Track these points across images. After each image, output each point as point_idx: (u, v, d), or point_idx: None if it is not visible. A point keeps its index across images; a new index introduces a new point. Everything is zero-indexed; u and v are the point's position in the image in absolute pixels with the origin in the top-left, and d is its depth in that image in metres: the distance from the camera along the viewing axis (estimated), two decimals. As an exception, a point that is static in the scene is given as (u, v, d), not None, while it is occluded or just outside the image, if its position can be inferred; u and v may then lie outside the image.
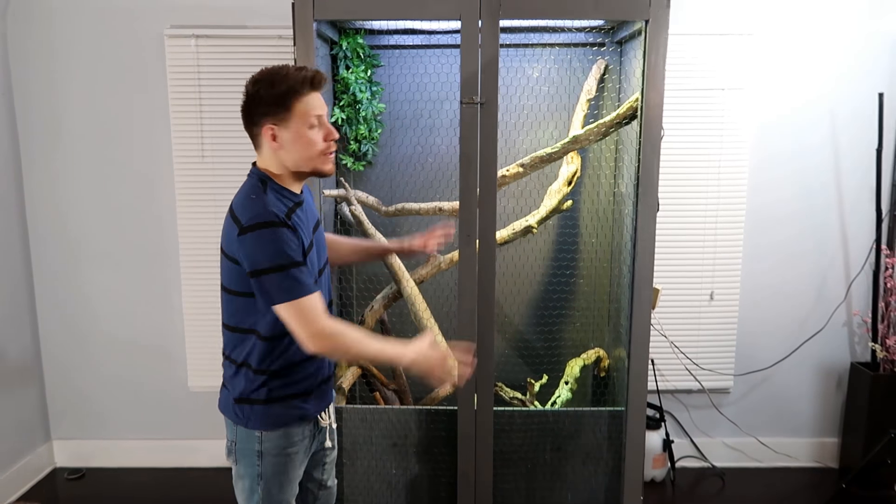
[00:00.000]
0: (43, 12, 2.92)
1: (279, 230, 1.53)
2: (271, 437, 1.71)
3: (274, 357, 1.67)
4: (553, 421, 2.52)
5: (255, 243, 1.53)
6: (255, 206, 1.56)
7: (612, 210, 2.83)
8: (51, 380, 3.22)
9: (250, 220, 1.53)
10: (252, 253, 1.53)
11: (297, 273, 1.54)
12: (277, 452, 1.72)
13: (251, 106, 1.61)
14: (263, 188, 1.61)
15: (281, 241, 1.53)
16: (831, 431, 3.25)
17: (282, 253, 1.52)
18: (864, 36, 2.95)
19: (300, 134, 1.61)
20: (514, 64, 2.75)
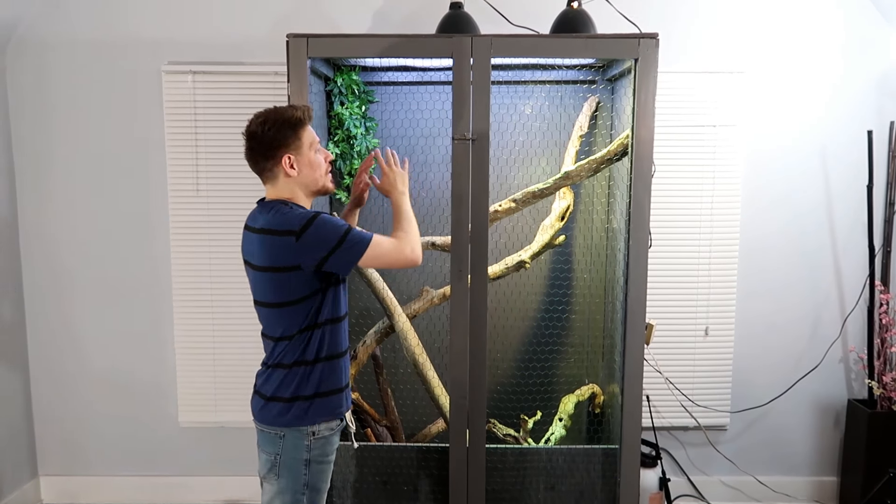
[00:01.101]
0: (42, 48, 2.96)
1: (324, 216, 1.78)
2: (318, 445, 1.87)
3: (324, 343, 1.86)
4: (546, 459, 2.49)
5: (315, 235, 1.75)
6: (294, 212, 1.79)
7: (605, 245, 2.83)
8: (39, 414, 3.18)
9: (300, 222, 1.75)
10: (316, 244, 1.76)
11: (354, 232, 1.80)
12: (322, 460, 1.90)
13: (265, 144, 1.83)
14: (288, 206, 1.83)
15: (331, 222, 1.78)
16: (830, 470, 3.21)
17: (337, 228, 1.78)
18: (852, 74, 3.00)
19: (310, 158, 1.87)
20: (507, 100, 2.79)
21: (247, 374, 3.07)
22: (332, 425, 1.91)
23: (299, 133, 1.84)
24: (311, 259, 1.77)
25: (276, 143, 1.82)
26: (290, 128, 1.83)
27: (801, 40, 2.98)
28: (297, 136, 1.84)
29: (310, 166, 1.87)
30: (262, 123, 1.82)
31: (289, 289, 1.81)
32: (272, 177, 1.86)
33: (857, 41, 2.98)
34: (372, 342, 2.70)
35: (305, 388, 1.85)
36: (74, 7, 2.94)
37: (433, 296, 2.70)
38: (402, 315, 2.62)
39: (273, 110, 1.85)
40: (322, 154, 1.91)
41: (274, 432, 1.86)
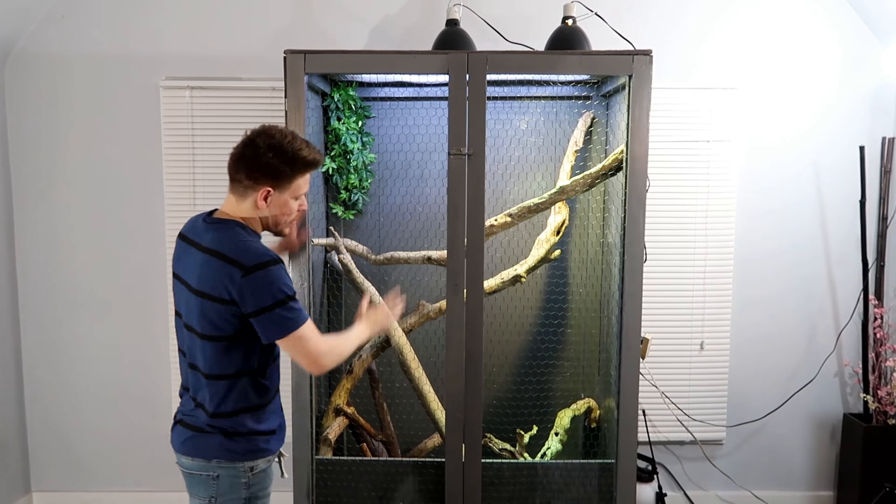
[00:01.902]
0: (41, 62, 2.98)
1: (279, 267, 1.67)
2: (257, 480, 1.81)
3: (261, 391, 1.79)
4: (542, 473, 2.48)
5: (260, 283, 1.63)
6: (254, 247, 1.68)
7: (601, 259, 2.84)
8: (33, 429, 3.17)
9: (255, 260, 1.64)
10: (256, 293, 1.63)
11: (294, 305, 1.68)
12: (261, 494, 1.85)
13: (257, 167, 1.71)
14: (246, 231, 1.74)
15: (283, 277, 1.68)
16: (826, 484, 3.21)
17: (285, 287, 1.67)
18: (844, 90, 3.03)
19: (286, 202, 1.78)
20: (502, 116, 2.81)
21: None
22: (267, 458, 1.86)
23: (294, 176, 1.75)
24: (248, 304, 1.64)
25: (267, 172, 1.71)
26: (291, 168, 1.73)
27: (794, 57, 3.01)
28: (291, 178, 1.74)
29: (280, 207, 1.78)
30: (270, 147, 1.69)
31: (224, 322, 1.68)
32: (242, 194, 1.75)
33: (848, 58, 3.02)
34: (368, 356, 2.70)
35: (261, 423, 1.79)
36: (73, 22, 2.96)
37: (429, 310, 2.70)
38: (398, 329, 2.62)
39: (289, 139, 1.72)
40: (298, 203, 1.82)
41: (206, 474, 1.77)
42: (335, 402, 2.67)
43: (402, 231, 2.83)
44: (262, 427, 1.80)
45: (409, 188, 2.83)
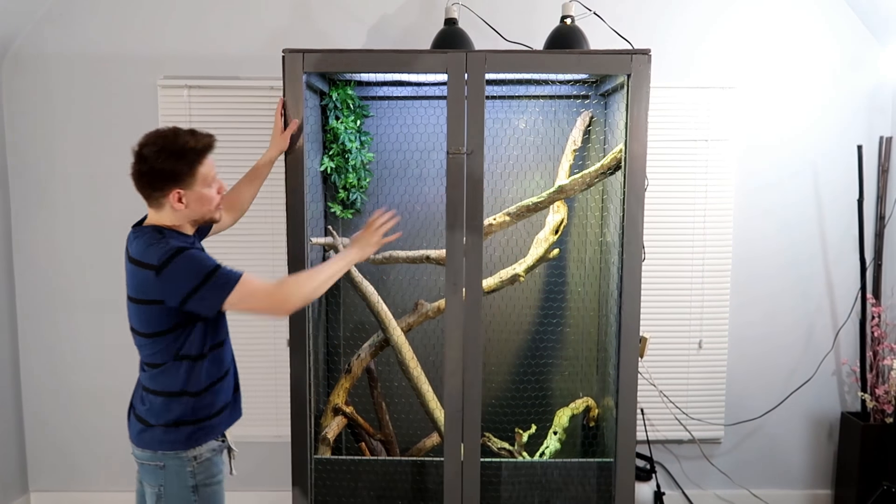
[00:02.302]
0: (38, 62, 2.97)
1: (189, 252, 1.70)
2: (202, 469, 1.85)
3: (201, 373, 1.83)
4: (541, 472, 2.48)
5: (176, 272, 1.68)
6: (159, 245, 1.71)
7: (599, 258, 2.84)
8: (30, 430, 3.16)
9: (161, 257, 1.68)
10: (177, 281, 1.68)
11: (222, 271, 1.71)
12: (209, 482, 1.87)
13: (155, 176, 1.73)
14: (161, 234, 1.76)
15: (196, 259, 1.70)
16: (824, 483, 3.21)
17: (201, 265, 1.70)
18: (842, 90, 3.04)
19: (201, 194, 1.79)
20: (501, 115, 2.81)
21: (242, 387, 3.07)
22: (212, 446, 1.88)
23: (195, 168, 1.75)
24: (172, 297, 1.70)
25: (166, 177, 1.72)
26: (186, 163, 1.73)
27: (792, 56, 3.02)
28: (192, 172, 1.74)
29: (199, 201, 1.78)
30: (157, 153, 1.71)
31: (157, 321, 1.75)
32: (157, 205, 1.78)
33: (846, 58, 3.02)
34: (366, 356, 2.70)
35: (193, 412, 1.83)
36: (71, 21, 2.95)
37: (428, 309, 2.70)
38: (397, 328, 2.62)
39: (171, 137, 1.74)
40: (216, 186, 1.82)
41: (154, 463, 1.82)
42: (334, 401, 2.67)
43: (401, 230, 2.82)
44: (202, 414, 1.84)
45: (407, 187, 2.82)
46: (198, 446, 1.84)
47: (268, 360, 3.06)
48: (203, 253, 1.77)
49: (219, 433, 1.90)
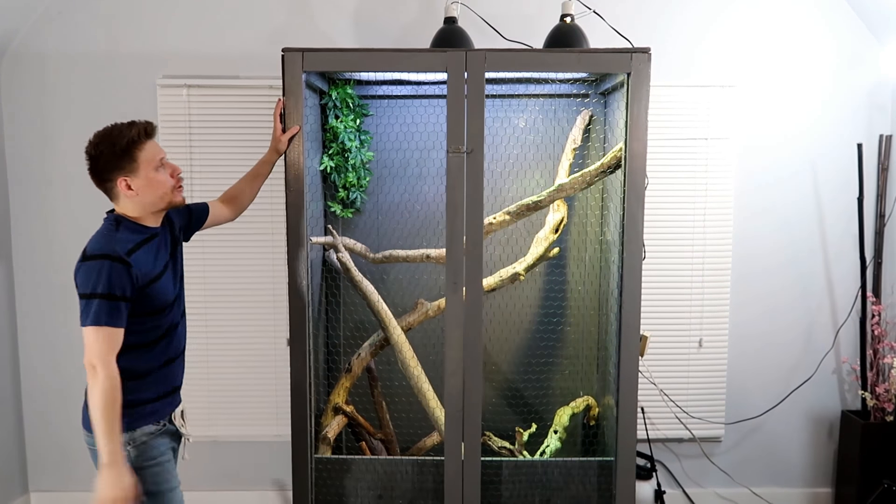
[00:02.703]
0: (37, 61, 2.97)
1: (114, 264, 1.73)
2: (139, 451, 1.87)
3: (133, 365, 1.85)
4: (542, 471, 2.48)
5: (90, 270, 1.73)
6: (101, 240, 1.78)
7: (599, 257, 2.84)
8: (30, 430, 3.16)
9: (92, 251, 1.75)
10: (86, 277, 1.73)
11: (114, 305, 1.73)
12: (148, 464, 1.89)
13: (100, 166, 1.80)
14: (116, 227, 1.83)
15: (111, 274, 1.73)
16: (825, 481, 3.21)
17: (108, 283, 1.72)
18: (842, 88, 3.03)
19: (149, 178, 1.82)
20: (501, 114, 2.80)
21: (240, 388, 3.08)
22: (149, 430, 1.90)
23: (134, 155, 1.79)
24: (77, 286, 1.75)
25: (109, 167, 1.79)
26: (122, 149, 1.78)
27: (792, 55, 3.01)
28: (132, 159, 1.79)
29: (149, 186, 1.83)
30: (97, 146, 1.79)
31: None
32: (113, 196, 1.85)
33: (846, 56, 3.02)
34: (367, 355, 2.70)
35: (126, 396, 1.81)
36: (70, 20, 2.95)
37: (428, 308, 2.70)
38: (397, 328, 2.62)
39: (108, 131, 1.81)
40: (168, 169, 1.87)
41: (93, 447, 1.84)
42: (334, 400, 2.67)
43: (401, 229, 2.83)
44: (131, 398, 1.84)
45: (407, 186, 2.82)
46: (135, 430, 1.87)
47: (268, 359, 3.06)
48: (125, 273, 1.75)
49: (151, 419, 1.91)
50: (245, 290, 3.02)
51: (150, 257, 1.85)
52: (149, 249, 1.86)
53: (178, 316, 1.99)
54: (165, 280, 1.89)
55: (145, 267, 1.81)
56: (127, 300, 1.76)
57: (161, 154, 1.86)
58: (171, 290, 1.91)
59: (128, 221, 1.85)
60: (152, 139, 1.85)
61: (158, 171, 1.84)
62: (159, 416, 1.95)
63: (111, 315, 1.73)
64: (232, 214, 2.30)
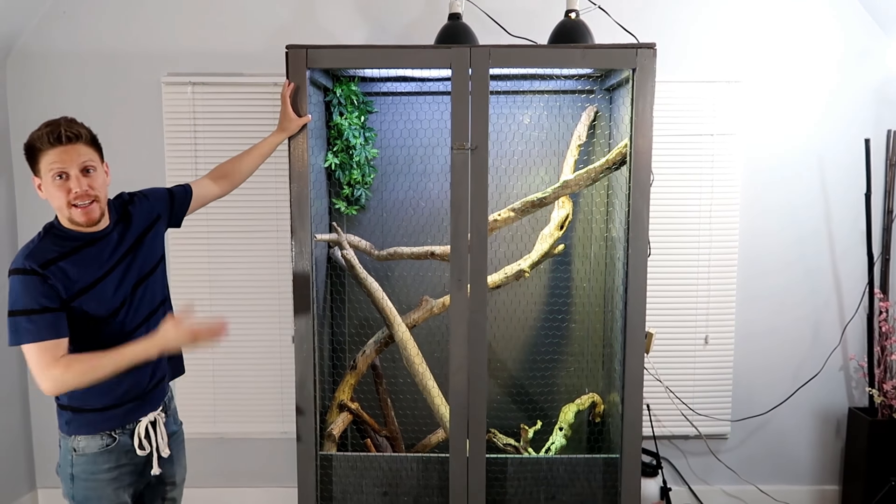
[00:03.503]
0: (43, 59, 2.98)
1: (26, 278, 1.67)
2: (82, 462, 1.82)
3: None
4: (547, 468, 2.48)
5: (10, 287, 1.69)
6: (20, 254, 1.72)
7: (605, 254, 2.83)
8: (37, 426, 3.17)
9: (10, 267, 1.70)
10: (8, 294, 1.69)
11: (40, 318, 1.66)
12: (87, 478, 1.82)
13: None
14: (44, 235, 1.76)
15: (28, 287, 1.66)
16: (832, 479, 3.20)
17: (28, 298, 1.66)
18: (850, 83, 3.01)
19: (47, 187, 1.72)
20: (505, 110, 2.80)
21: (246, 385, 3.08)
22: (96, 443, 1.82)
23: (36, 157, 1.70)
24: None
25: (28, 164, 1.73)
26: (26, 148, 1.72)
27: (799, 50, 2.99)
28: (36, 161, 1.71)
29: (48, 195, 1.73)
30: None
31: None
32: None
33: (854, 51, 3.00)
34: (371, 352, 2.70)
35: (69, 399, 1.81)
36: (75, 19, 2.95)
37: (433, 305, 2.70)
38: (402, 325, 2.62)
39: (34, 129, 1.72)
40: (66, 183, 1.70)
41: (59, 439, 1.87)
42: (339, 397, 2.67)
43: (406, 226, 2.82)
44: (76, 403, 1.81)
45: (411, 183, 2.82)
46: (76, 435, 1.82)
47: (273, 356, 3.07)
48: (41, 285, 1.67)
49: (103, 428, 1.83)
50: (250, 287, 3.03)
51: (81, 266, 1.74)
52: (80, 259, 1.75)
53: (135, 319, 1.86)
54: (103, 287, 1.77)
55: (72, 277, 1.72)
56: (56, 309, 1.68)
57: (60, 166, 1.69)
58: (108, 297, 1.78)
59: (58, 229, 1.77)
60: (63, 147, 1.70)
61: (54, 182, 1.70)
62: (106, 427, 1.83)
63: (39, 330, 1.66)
64: (221, 191, 2.22)
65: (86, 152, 1.76)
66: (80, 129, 1.75)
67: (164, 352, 1.77)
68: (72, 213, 1.73)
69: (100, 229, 1.81)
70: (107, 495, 1.84)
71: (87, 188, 1.73)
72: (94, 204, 1.76)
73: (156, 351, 1.75)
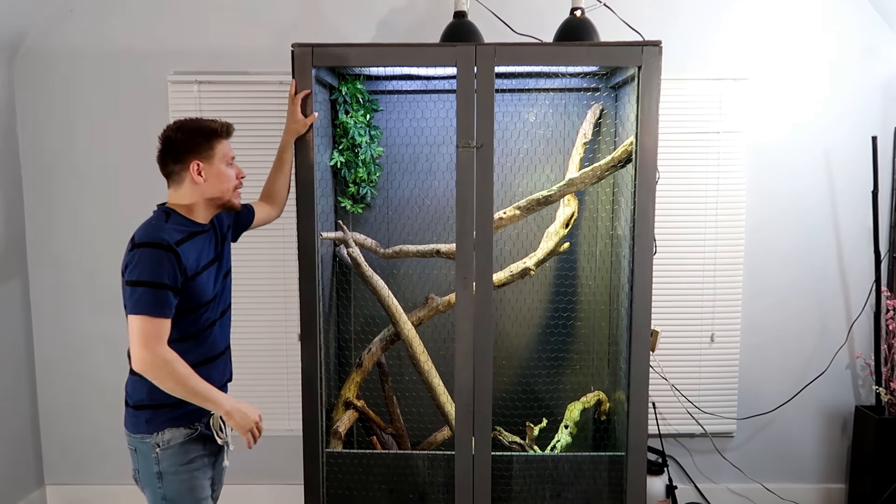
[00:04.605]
0: (50, 58, 2.99)
1: (162, 252, 1.74)
2: (167, 455, 1.85)
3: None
4: (552, 466, 2.48)
5: (139, 258, 1.74)
6: (150, 229, 1.80)
7: (610, 252, 2.83)
8: (45, 423, 3.19)
9: (141, 239, 1.77)
10: (134, 265, 1.74)
11: (161, 294, 1.74)
12: (176, 470, 1.86)
13: (176, 147, 1.86)
14: (166, 218, 1.85)
15: (160, 262, 1.73)
16: (838, 477, 3.19)
17: (156, 272, 1.73)
18: (857, 80, 3.00)
19: (219, 169, 1.89)
20: (511, 108, 2.79)
21: (253, 382, 3.09)
22: (177, 434, 1.87)
23: (213, 143, 1.87)
24: (126, 273, 1.77)
25: (186, 148, 1.85)
26: (204, 136, 1.86)
27: (805, 47, 2.98)
28: (210, 146, 1.87)
29: (217, 177, 1.88)
30: (178, 129, 1.86)
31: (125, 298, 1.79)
32: (178, 180, 1.89)
33: (861, 47, 2.98)
34: (377, 350, 2.70)
35: (151, 396, 1.83)
36: (81, 18, 2.97)
37: (438, 303, 2.70)
38: (408, 322, 2.62)
39: (192, 119, 1.90)
40: (234, 169, 1.94)
41: (130, 447, 1.90)
42: (345, 395, 2.68)
43: (411, 224, 2.83)
44: (159, 399, 1.82)
45: (417, 181, 2.82)
46: (159, 432, 1.85)
47: (279, 354, 3.08)
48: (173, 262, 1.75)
49: (186, 421, 1.88)
50: (256, 285, 3.04)
51: (196, 252, 1.85)
52: (196, 243, 1.86)
53: (215, 314, 1.96)
54: (207, 276, 1.89)
55: (191, 260, 1.82)
56: (174, 290, 1.76)
57: (232, 153, 1.94)
58: (210, 287, 1.90)
59: (177, 214, 1.88)
60: (229, 139, 1.92)
61: (229, 167, 1.91)
62: (191, 420, 1.89)
63: (157, 304, 1.73)
64: (275, 211, 2.34)
65: None
66: None
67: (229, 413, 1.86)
68: (233, 196, 1.94)
69: (206, 222, 1.94)
70: (199, 485, 1.91)
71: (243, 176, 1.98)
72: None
73: (227, 408, 1.84)
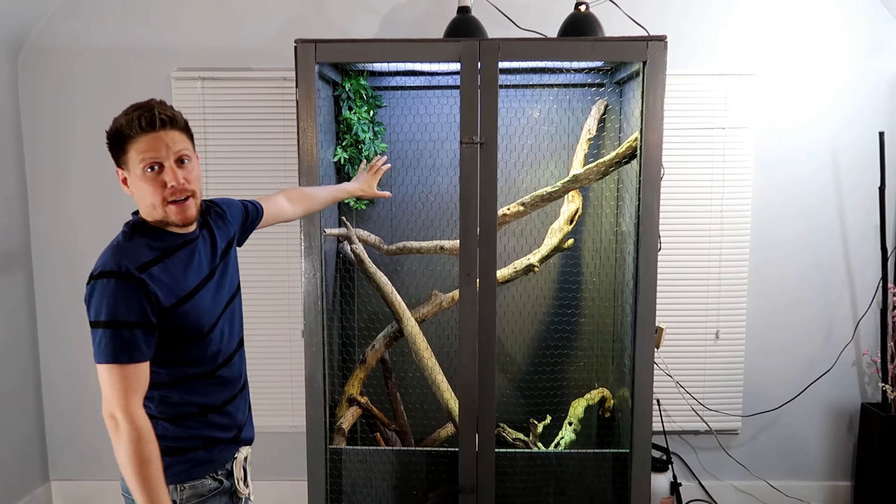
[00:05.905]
0: (53, 55, 2.99)
1: (120, 283, 1.39)
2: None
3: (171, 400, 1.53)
4: (556, 463, 2.48)
5: (95, 293, 1.40)
6: (106, 254, 1.46)
7: (615, 248, 2.82)
8: (50, 419, 3.20)
9: (96, 269, 1.43)
10: (90, 303, 1.41)
11: (126, 334, 1.39)
12: None
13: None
14: (132, 235, 1.50)
15: (119, 295, 1.38)
16: (844, 475, 3.18)
17: (115, 308, 1.38)
18: (864, 75, 2.98)
19: (136, 182, 1.48)
20: (515, 104, 2.78)
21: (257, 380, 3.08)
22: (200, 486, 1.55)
23: (125, 145, 1.45)
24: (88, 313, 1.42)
25: (111, 154, 1.49)
26: (115, 139, 1.46)
27: (812, 42, 2.96)
28: (123, 150, 1.46)
29: (136, 191, 1.48)
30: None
31: None
32: None
33: (867, 42, 2.96)
34: (381, 346, 2.70)
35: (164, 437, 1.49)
36: (85, 14, 2.97)
37: (442, 300, 2.70)
38: (411, 319, 2.62)
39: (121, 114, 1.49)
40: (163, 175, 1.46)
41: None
42: (348, 391, 2.67)
43: (415, 221, 2.82)
44: (172, 444, 1.53)
45: (420, 178, 2.81)
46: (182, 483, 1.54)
47: (283, 351, 3.08)
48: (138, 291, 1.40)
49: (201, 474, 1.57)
50: (260, 282, 3.04)
51: (178, 271, 1.49)
52: (176, 261, 1.50)
53: (228, 342, 1.62)
54: (202, 298, 1.52)
55: (168, 283, 1.46)
56: (144, 326, 1.40)
57: (154, 156, 1.45)
58: (208, 310, 1.54)
59: (149, 226, 1.52)
60: (155, 133, 1.45)
61: (145, 175, 1.45)
62: (214, 468, 1.58)
63: (124, 348, 1.38)
64: (295, 213, 2.05)
65: (180, 140, 1.49)
66: (173, 112, 1.50)
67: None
68: (166, 212, 1.48)
69: (191, 231, 1.57)
70: None
71: (183, 181, 1.47)
72: (190, 200, 1.50)
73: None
